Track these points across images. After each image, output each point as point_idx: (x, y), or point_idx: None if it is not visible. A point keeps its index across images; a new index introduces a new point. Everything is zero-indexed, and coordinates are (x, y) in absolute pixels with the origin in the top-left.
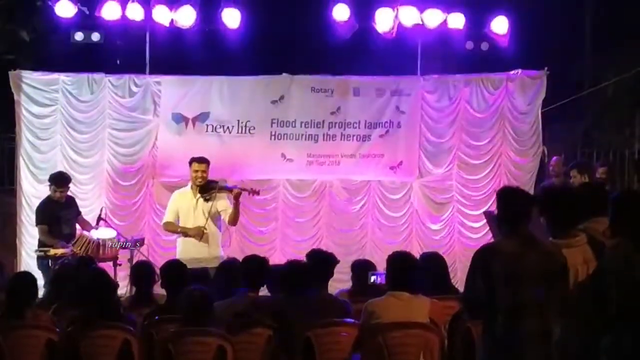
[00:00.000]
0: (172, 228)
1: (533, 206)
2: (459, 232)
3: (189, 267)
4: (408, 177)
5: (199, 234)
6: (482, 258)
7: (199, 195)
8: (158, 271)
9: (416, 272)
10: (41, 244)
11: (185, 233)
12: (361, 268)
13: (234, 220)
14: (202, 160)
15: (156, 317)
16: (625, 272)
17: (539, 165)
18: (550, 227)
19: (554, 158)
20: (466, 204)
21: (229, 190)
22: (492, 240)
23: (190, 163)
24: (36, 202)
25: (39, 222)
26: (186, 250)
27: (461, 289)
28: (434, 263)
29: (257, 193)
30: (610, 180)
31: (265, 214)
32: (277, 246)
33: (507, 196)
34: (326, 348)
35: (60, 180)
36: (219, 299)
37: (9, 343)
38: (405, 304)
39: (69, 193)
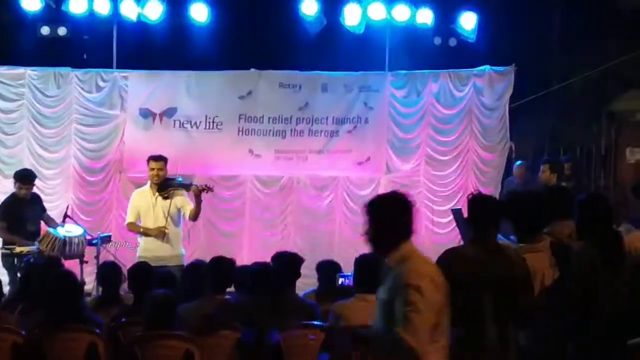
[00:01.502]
0: (135, 229)
1: (502, 214)
2: (426, 227)
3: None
4: (376, 173)
5: (160, 234)
6: (445, 262)
7: (157, 193)
8: (125, 269)
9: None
10: (4, 241)
11: (146, 234)
12: (327, 269)
13: (195, 216)
14: (158, 159)
15: (122, 319)
16: (591, 277)
17: (506, 161)
18: (516, 232)
19: (518, 163)
20: (434, 200)
21: (185, 187)
22: (460, 236)
23: (148, 161)
24: (2, 197)
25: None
26: (148, 248)
27: None
28: None
29: (211, 190)
30: (576, 176)
31: (232, 209)
32: (245, 242)
33: (477, 203)
34: (294, 351)
35: (25, 177)
36: (186, 302)
37: None
38: (373, 306)
39: (34, 190)
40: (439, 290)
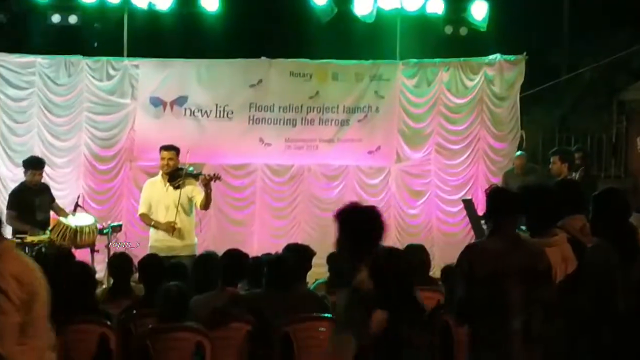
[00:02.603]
0: (146, 220)
1: (521, 206)
2: (436, 216)
3: (161, 255)
4: (386, 162)
5: (170, 229)
6: (467, 257)
7: (168, 183)
8: (136, 259)
9: None
10: (15, 230)
11: (157, 227)
12: (337, 260)
13: (205, 205)
14: (169, 148)
15: (134, 311)
16: (605, 272)
17: (516, 150)
18: (529, 227)
19: (517, 153)
20: (444, 189)
21: (194, 176)
22: (470, 226)
23: (160, 151)
24: (12, 185)
25: (9, 207)
26: (159, 238)
27: (438, 274)
28: (417, 256)
29: (219, 178)
30: (586, 166)
31: (243, 198)
32: (255, 230)
33: (496, 196)
34: (304, 343)
35: (37, 163)
36: (197, 293)
37: None
38: None
39: (43, 180)
40: (23, 289)
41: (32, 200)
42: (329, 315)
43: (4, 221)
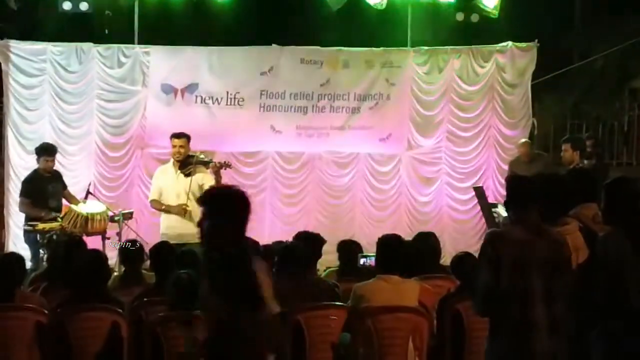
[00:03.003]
0: (157, 206)
1: (540, 194)
2: (447, 204)
3: (172, 242)
4: (397, 150)
5: (181, 212)
6: (492, 245)
7: (179, 171)
8: (147, 246)
9: (406, 254)
10: (28, 217)
11: (168, 211)
12: (348, 248)
13: None
14: (180, 136)
15: (145, 299)
16: (617, 262)
17: (528, 138)
18: (541, 216)
19: (521, 141)
20: (455, 176)
21: (205, 163)
22: (481, 214)
23: (170, 139)
24: (24, 173)
25: (22, 194)
26: (170, 225)
27: (450, 261)
28: (428, 243)
29: (230, 166)
30: (597, 154)
31: (254, 185)
32: (266, 218)
33: (517, 184)
34: (316, 331)
35: (50, 149)
36: None
37: None
38: (394, 287)
39: (55, 168)
40: None
41: (45, 187)
42: (340, 303)
43: (19, 207)
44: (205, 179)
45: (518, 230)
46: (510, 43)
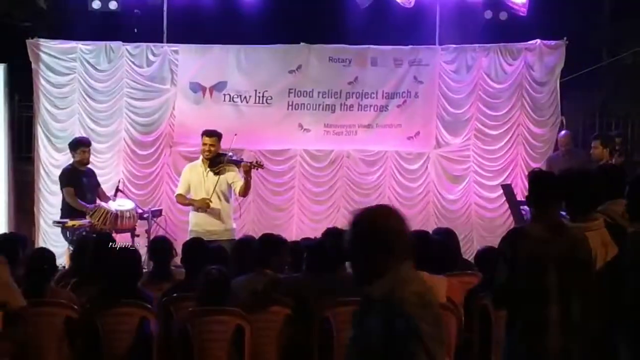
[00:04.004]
0: (182, 200)
1: (564, 191)
2: (475, 202)
3: None
4: (425, 148)
5: (204, 206)
6: (509, 241)
7: (208, 169)
8: (176, 244)
9: (434, 251)
10: (65, 211)
11: (191, 204)
12: None
13: (244, 192)
14: (211, 134)
15: (174, 295)
16: None
17: (556, 136)
18: (569, 211)
19: (563, 132)
20: (483, 175)
21: (235, 163)
22: (510, 212)
23: (201, 136)
24: (54, 171)
25: (65, 184)
26: (198, 222)
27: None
28: (447, 239)
29: (262, 166)
30: (626, 151)
31: (282, 184)
32: (294, 216)
33: (539, 181)
34: (344, 327)
35: (86, 140)
36: (235, 277)
37: (29, 320)
38: None
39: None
40: None
41: (82, 180)
42: None
43: (67, 198)
44: (235, 178)
45: (537, 228)
46: (538, 41)
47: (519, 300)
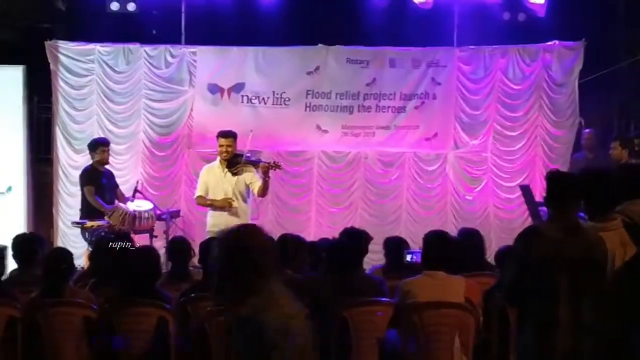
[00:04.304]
0: (203, 202)
1: (582, 192)
2: (493, 203)
3: None
4: (443, 149)
5: (227, 205)
6: (524, 239)
7: (226, 169)
8: (194, 244)
9: (452, 251)
10: (85, 211)
11: (213, 205)
12: (394, 245)
13: (262, 192)
14: (227, 135)
15: (192, 295)
16: None
17: (575, 137)
18: (587, 210)
19: (586, 131)
20: (501, 176)
21: (254, 163)
22: (528, 213)
23: (217, 137)
24: (73, 172)
25: (85, 184)
26: (216, 223)
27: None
28: (472, 240)
29: (279, 167)
30: None
31: (300, 185)
32: (312, 217)
33: (557, 181)
34: (361, 327)
35: (103, 141)
36: None
37: (47, 320)
38: (440, 283)
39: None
40: None
41: (101, 181)
42: (386, 299)
43: (88, 197)
44: (253, 179)
45: (553, 228)
46: (557, 42)
47: (530, 299)
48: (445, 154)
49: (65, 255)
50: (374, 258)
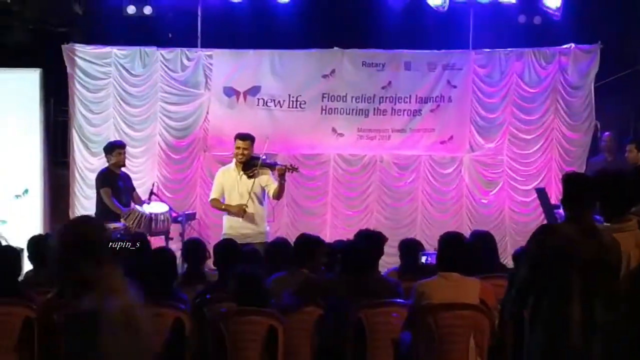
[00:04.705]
0: (218, 205)
1: (598, 193)
2: (509, 207)
3: None
4: (458, 152)
5: (241, 212)
6: (538, 237)
7: (242, 172)
8: (209, 247)
9: (467, 253)
10: (100, 214)
11: (228, 210)
12: (409, 247)
13: (278, 195)
14: (245, 137)
15: (207, 296)
16: None
17: (591, 140)
18: (603, 211)
19: (606, 133)
20: (517, 179)
21: (270, 166)
22: (543, 216)
23: (235, 140)
24: (89, 175)
25: (101, 185)
26: (232, 226)
27: (511, 264)
28: (484, 242)
29: (296, 170)
30: None
31: (315, 188)
32: (328, 220)
33: (573, 183)
34: (376, 328)
35: (119, 143)
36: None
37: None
38: (455, 284)
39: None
40: None
41: (117, 183)
42: (402, 300)
43: (105, 199)
44: (268, 181)
45: (568, 229)
46: (573, 45)
47: (542, 298)
48: (460, 157)
49: None
50: (389, 261)
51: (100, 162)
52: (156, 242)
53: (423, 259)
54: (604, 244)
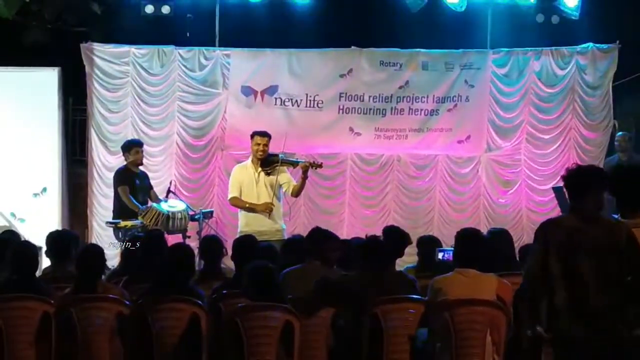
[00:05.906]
0: (240, 203)
1: (602, 182)
2: (526, 206)
3: None
4: (476, 152)
5: (268, 210)
6: (542, 231)
7: (260, 169)
8: (226, 244)
9: (484, 249)
10: (118, 212)
11: (252, 209)
12: (427, 244)
13: (297, 192)
14: (264, 134)
15: (224, 292)
16: None
17: (609, 140)
18: (619, 207)
19: (619, 133)
20: (534, 179)
21: (292, 163)
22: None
23: (252, 136)
24: (107, 174)
25: (119, 183)
26: (249, 223)
27: None
28: (501, 239)
29: (320, 166)
30: None
31: (333, 187)
32: (345, 219)
33: (573, 173)
34: (393, 324)
35: (137, 141)
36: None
37: (81, 316)
38: (472, 281)
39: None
40: None
41: (135, 181)
42: (418, 296)
43: (122, 197)
44: (287, 178)
45: (571, 218)
46: (591, 44)
47: (551, 287)
48: (478, 156)
49: (97, 251)
50: (407, 260)
51: (118, 161)
52: (173, 240)
53: (440, 255)
54: (609, 227)
